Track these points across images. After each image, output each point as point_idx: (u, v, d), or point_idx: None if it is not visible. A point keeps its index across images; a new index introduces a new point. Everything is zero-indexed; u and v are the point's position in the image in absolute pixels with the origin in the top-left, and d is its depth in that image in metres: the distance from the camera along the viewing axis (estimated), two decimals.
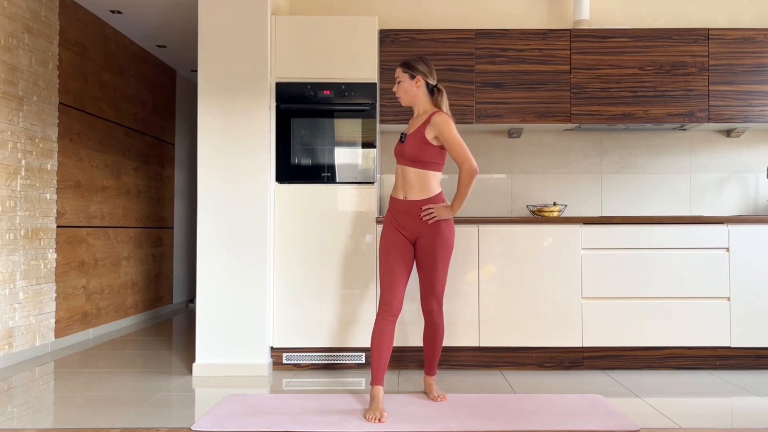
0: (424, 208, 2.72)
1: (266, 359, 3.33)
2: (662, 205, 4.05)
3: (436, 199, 2.75)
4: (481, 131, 4.06)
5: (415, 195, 2.75)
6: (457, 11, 4.09)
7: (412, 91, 2.79)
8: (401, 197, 2.78)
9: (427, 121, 2.72)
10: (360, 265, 3.41)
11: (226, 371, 3.30)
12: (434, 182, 2.76)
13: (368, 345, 3.38)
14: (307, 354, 3.43)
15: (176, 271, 6.17)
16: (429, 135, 2.70)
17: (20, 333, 3.68)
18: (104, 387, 3.06)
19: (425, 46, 3.71)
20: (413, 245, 2.81)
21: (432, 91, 2.80)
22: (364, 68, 3.48)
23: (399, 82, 2.82)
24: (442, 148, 2.74)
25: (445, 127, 2.68)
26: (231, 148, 3.35)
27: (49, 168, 3.98)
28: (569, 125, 3.80)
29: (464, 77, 3.71)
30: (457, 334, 3.38)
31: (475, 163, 2.67)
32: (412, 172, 2.74)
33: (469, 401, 2.77)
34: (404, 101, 2.84)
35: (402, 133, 2.83)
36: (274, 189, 3.44)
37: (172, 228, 6.11)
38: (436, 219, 2.71)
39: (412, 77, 2.77)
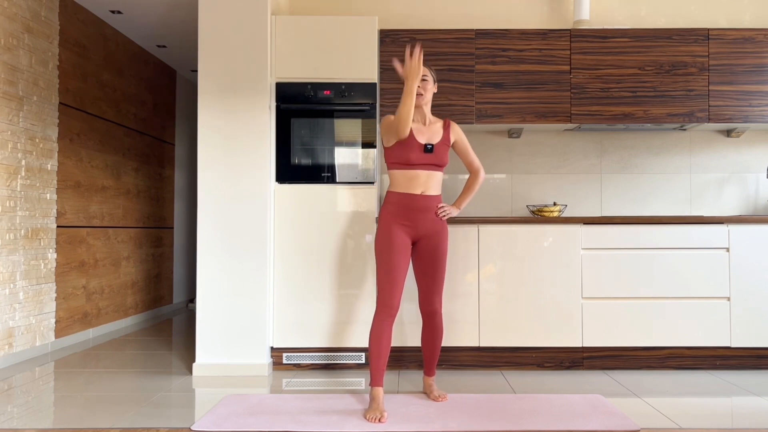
0: (440, 206, 2.83)
1: (266, 359, 3.33)
2: (662, 205, 4.05)
3: (441, 198, 2.91)
4: (481, 131, 4.06)
5: (432, 192, 2.82)
6: (457, 11, 4.09)
7: (431, 94, 2.87)
8: (418, 193, 2.78)
9: (448, 128, 2.88)
10: (360, 265, 3.41)
11: (226, 371, 3.30)
12: (441, 182, 2.93)
13: (368, 346, 3.37)
14: (307, 354, 3.43)
15: (176, 271, 6.17)
16: (451, 140, 2.91)
17: (20, 333, 3.69)
18: (104, 387, 3.06)
19: (425, 46, 3.71)
20: (412, 245, 2.82)
21: None
22: (364, 68, 3.48)
23: (425, 80, 2.82)
24: None
25: (463, 134, 2.95)
26: (231, 148, 3.35)
27: (49, 168, 3.98)
28: (569, 125, 3.80)
29: (464, 77, 3.71)
30: (457, 334, 3.38)
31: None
32: (438, 175, 2.84)
33: (469, 401, 2.77)
34: (423, 100, 2.81)
35: (429, 144, 2.78)
36: (274, 189, 3.44)
37: (172, 228, 6.11)
38: (448, 216, 2.87)
39: (434, 82, 2.89)
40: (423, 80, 2.80)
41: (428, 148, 2.77)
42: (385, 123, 2.80)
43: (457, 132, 2.92)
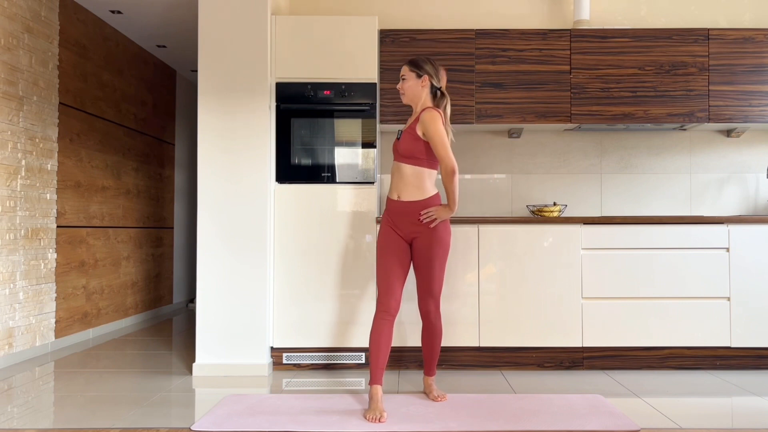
0: (423, 212, 2.72)
1: (266, 359, 3.33)
2: (662, 205, 4.05)
3: (433, 200, 2.76)
4: (481, 131, 4.06)
5: (410, 195, 2.75)
6: (457, 11, 4.09)
7: (416, 90, 2.80)
8: (395, 197, 2.79)
9: (418, 118, 2.76)
10: (360, 265, 3.41)
11: (226, 371, 3.30)
12: (429, 181, 2.76)
13: (368, 345, 3.38)
14: (307, 354, 3.43)
15: (176, 271, 6.17)
16: (419, 131, 2.73)
17: (20, 333, 3.68)
18: (104, 387, 3.06)
19: (425, 46, 3.71)
20: (409, 245, 2.81)
21: (435, 93, 2.82)
22: (364, 68, 3.48)
23: (404, 80, 2.82)
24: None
25: (430, 123, 2.67)
26: (231, 148, 3.35)
27: (49, 168, 3.98)
28: (569, 125, 3.80)
29: (464, 77, 3.71)
30: (456, 334, 3.38)
31: (452, 162, 2.65)
32: (408, 169, 2.76)
33: (469, 401, 2.77)
34: (406, 99, 2.85)
35: (399, 131, 2.87)
36: (274, 189, 3.44)
37: (172, 228, 6.11)
38: (437, 221, 2.72)
39: (419, 76, 2.79)
40: (402, 79, 2.84)
41: (398, 135, 2.84)
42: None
43: (424, 123, 2.67)
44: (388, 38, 3.71)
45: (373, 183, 3.45)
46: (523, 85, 3.71)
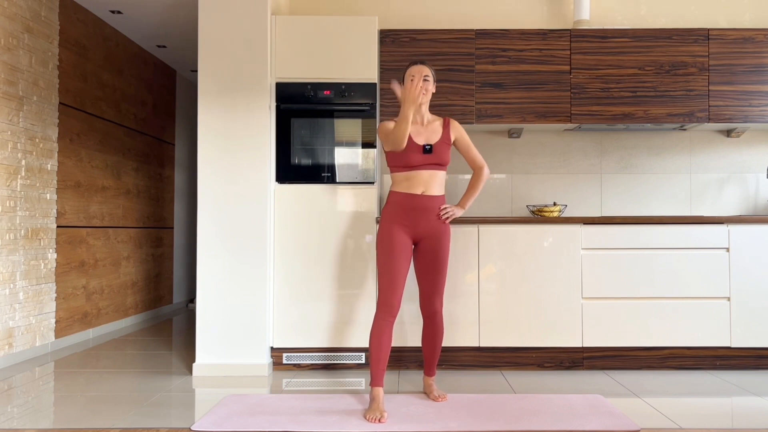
0: (442, 207, 2.81)
1: (266, 359, 3.33)
2: (662, 205, 4.05)
3: (444, 199, 2.89)
4: (481, 131, 4.06)
5: (434, 192, 2.81)
6: (457, 11, 4.09)
7: (431, 94, 2.85)
8: (419, 192, 2.78)
9: (447, 126, 2.86)
10: (360, 265, 3.41)
11: (226, 371, 3.30)
12: (444, 181, 2.90)
13: (368, 345, 3.38)
14: (307, 354, 3.43)
15: (176, 271, 6.17)
16: (452, 138, 2.88)
17: (20, 333, 3.69)
18: (104, 387, 3.07)
19: (425, 46, 3.71)
20: (414, 245, 2.81)
21: None
22: (364, 68, 3.48)
23: (427, 80, 2.79)
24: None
25: (464, 132, 2.92)
26: (231, 148, 3.35)
27: (49, 168, 3.98)
28: (569, 125, 3.80)
29: (464, 77, 3.71)
30: (457, 334, 3.38)
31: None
32: (441, 174, 2.84)
33: (469, 401, 2.77)
34: (424, 100, 2.79)
35: (425, 145, 2.77)
36: (274, 189, 3.44)
37: (172, 228, 6.11)
38: (451, 218, 2.85)
39: (434, 81, 2.86)
40: (425, 80, 2.77)
41: (427, 149, 2.77)
42: (381, 130, 2.82)
43: (457, 129, 2.90)
44: (388, 38, 3.71)
45: (373, 183, 3.45)
46: (523, 85, 3.71)
